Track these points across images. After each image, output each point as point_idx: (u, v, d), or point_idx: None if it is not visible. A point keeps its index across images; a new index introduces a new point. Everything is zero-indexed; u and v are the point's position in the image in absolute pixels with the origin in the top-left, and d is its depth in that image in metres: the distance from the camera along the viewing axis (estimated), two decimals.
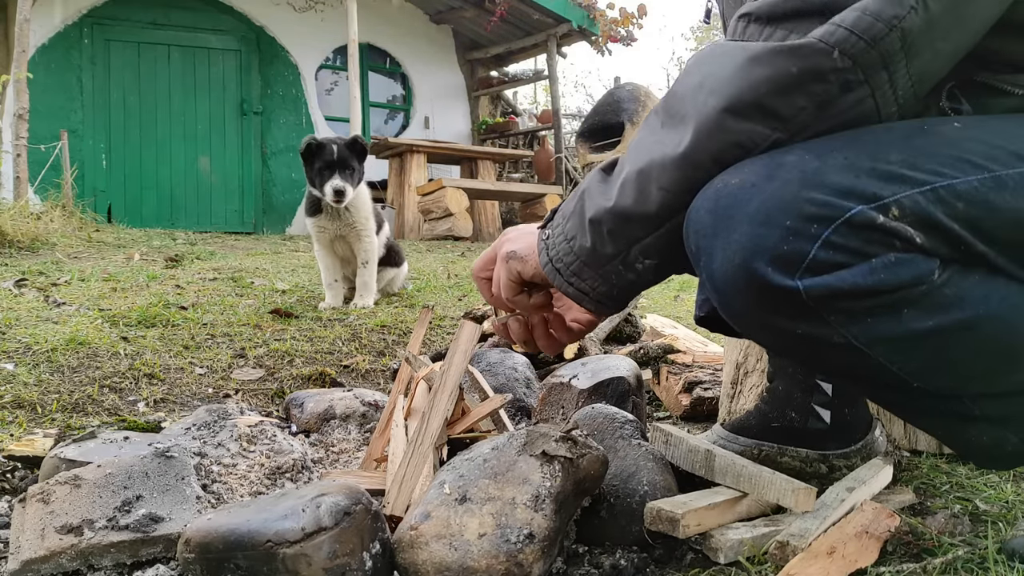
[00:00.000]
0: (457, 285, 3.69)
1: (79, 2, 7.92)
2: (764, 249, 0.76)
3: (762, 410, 1.22)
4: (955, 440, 0.95)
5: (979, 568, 0.87)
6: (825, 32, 0.73)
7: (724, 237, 0.79)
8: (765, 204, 0.76)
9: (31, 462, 1.32)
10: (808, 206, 0.74)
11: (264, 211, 8.85)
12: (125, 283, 3.21)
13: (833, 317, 0.77)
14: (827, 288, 0.74)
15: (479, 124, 10.16)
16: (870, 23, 0.71)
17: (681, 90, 0.82)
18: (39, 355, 1.91)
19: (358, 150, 2.96)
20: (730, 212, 0.78)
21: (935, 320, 0.76)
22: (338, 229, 3.03)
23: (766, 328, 0.84)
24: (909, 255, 0.74)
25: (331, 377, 1.98)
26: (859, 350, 0.79)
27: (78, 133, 7.76)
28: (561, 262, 0.91)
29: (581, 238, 0.89)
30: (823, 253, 0.74)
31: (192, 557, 0.83)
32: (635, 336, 2.31)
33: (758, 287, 0.77)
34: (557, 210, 0.96)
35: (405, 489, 1.00)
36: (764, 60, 0.75)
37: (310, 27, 9.05)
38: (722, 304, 0.84)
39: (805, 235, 0.74)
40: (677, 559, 0.97)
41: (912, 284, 0.75)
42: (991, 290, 0.78)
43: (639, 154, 0.85)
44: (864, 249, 0.74)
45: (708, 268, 0.81)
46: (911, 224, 0.74)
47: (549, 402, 1.39)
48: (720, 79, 0.77)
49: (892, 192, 0.74)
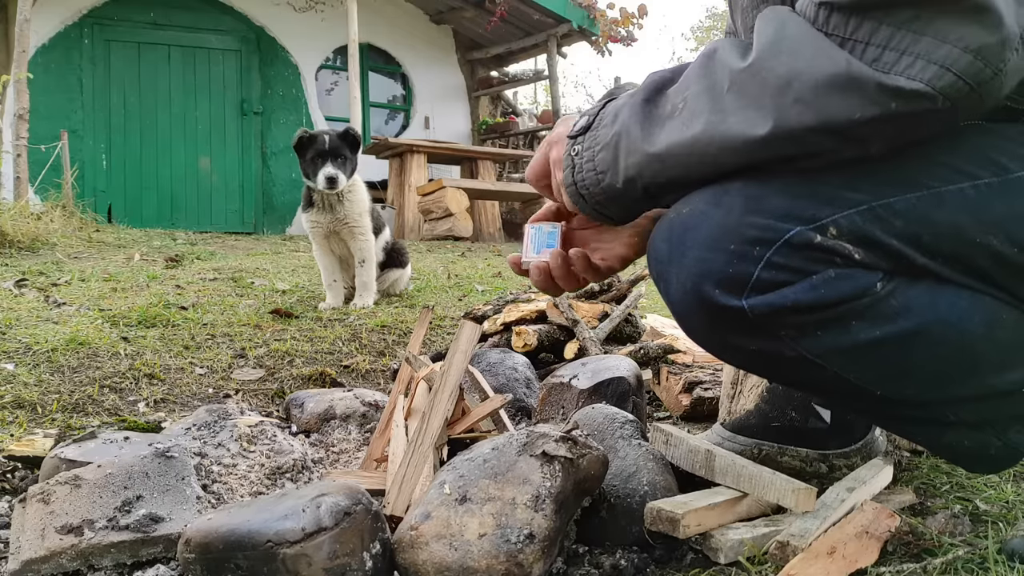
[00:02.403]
0: (457, 285, 3.69)
1: (79, 2, 7.92)
2: (712, 273, 0.80)
3: (762, 409, 1.22)
4: (938, 446, 0.97)
5: (979, 568, 0.87)
6: (934, 75, 0.69)
7: (677, 263, 0.83)
8: (711, 230, 0.80)
9: (31, 462, 1.32)
10: (750, 230, 0.78)
11: (264, 211, 8.85)
12: (125, 283, 3.21)
13: (784, 332, 0.81)
14: (770, 306, 0.79)
15: (479, 124, 10.16)
16: (980, 69, 0.69)
17: (763, 73, 0.75)
18: (39, 355, 1.91)
19: (350, 140, 2.98)
20: (682, 239, 0.83)
21: (882, 330, 0.79)
22: (331, 224, 3.02)
23: (723, 347, 0.89)
24: (849, 270, 0.78)
25: (331, 377, 1.98)
26: (814, 363, 0.83)
27: (78, 133, 7.77)
28: (587, 190, 0.90)
29: (612, 178, 0.87)
30: (766, 273, 0.78)
31: (192, 557, 0.83)
32: (635, 336, 2.31)
33: (708, 309, 0.81)
34: (589, 126, 0.90)
35: (405, 489, 1.00)
36: (865, 91, 0.71)
37: (310, 27, 9.05)
38: (682, 326, 0.88)
39: (749, 257, 0.78)
40: (677, 559, 0.97)
41: (854, 297, 0.78)
42: (938, 298, 0.81)
43: (694, 116, 0.80)
44: (805, 267, 0.78)
45: (667, 293, 0.86)
46: (849, 241, 0.77)
47: (549, 402, 1.39)
48: (810, 89, 0.73)
49: (830, 213, 0.78)
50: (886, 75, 0.70)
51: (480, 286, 3.65)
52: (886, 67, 0.70)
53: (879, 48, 0.70)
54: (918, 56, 0.69)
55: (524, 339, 2.05)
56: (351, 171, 2.98)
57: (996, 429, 0.89)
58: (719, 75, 0.79)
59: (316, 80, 9.20)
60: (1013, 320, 0.84)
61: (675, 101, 0.83)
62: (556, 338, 2.09)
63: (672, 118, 0.82)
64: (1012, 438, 0.90)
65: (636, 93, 0.87)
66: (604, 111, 0.90)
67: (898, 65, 0.70)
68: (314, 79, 9.16)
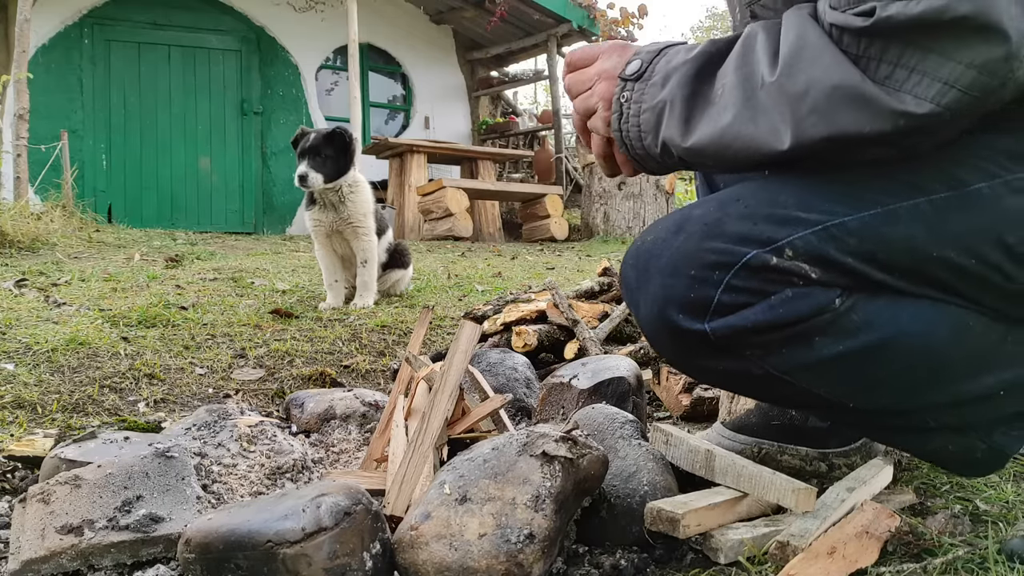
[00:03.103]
0: (457, 285, 3.69)
1: (79, 2, 7.92)
2: (674, 298, 0.83)
3: (763, 408, 1.22)
4: (924, 452, 0.98)
5: (979, 568, 0.87)
6: (938, 92, 0.71)
7: (644, 290, 0.87)
8: (672, 257, 0.84)
9: (31, 462, 1.32)
10: (709, 255, 0.81)
11: (264, 211, 8.85)
12: (125, 283, 3.21)
13: (749, 352, 0.83)
14: (732, 328, 0.81)
15: (479, 124, 10.16)
16: (986, 83, 0.71)
17: (786, 86, 0.77)
18: (39, 355, 1.91)
19: (337, 140, 2.93)
20: (647, 266, 0.86)
21: (845, 344, 0.82)
22: (334, 223, 3.01)
23: (693, 368, 0.93)
24: (806, 289, 0.80)
25: (331, 377, 1.98)
26: (782, 379, 0.85)
27: (78, 133, 7.77)
28: (630, 141, 0.91)
29: (652, 141, 0.89)
30: (726, 296, 0.81)
31: (192, 557, 0.83)
32: (635, 336, 2.31)
33: (673, 333, 0.85)
34: (641, 74, 0.90)
35: (405, 489, 1.00)
36: (875, 108, 0.73)
37: (310, 27, 9.05)
38: (654, 348, 0.93)
39: (709, 282, 0.81)
40: (677, 559, 0.97)
41: (813, 315, 0.80)
42: (900, 311, 0.82)
43: (726, 109, 0.81)
44: (763, 288, 0.80)
45: (637, 318, 0.90)
46: (805, 261, 0.80)
47: (549, 402, 1.39)
48: (825, 98, 0.75)
49: (786, 235, 0.80)
50: (896, 93, 0.73)
51: (480, 286, 3.65)
52: (896, 84, 0.73)
53: (891, 65, 0.73)
54: (925, 74, 0.71)
55: (524, 339, 2.05)
56: (336, 171, 2.93)
57: (980, 433, 0.90)
58: (752, 72, 0.80)
59: (316, 80, 9.21)
60: (982, 326, 0.85)
61: (717, 86, 0.84)
62: (556, 338, 2.09)
63: (712, 104, 0.83)
64: (997, 440, 0.90)
65: (689, 64, 0.86)
66: (656, 63, 0.89)
67: (907, 83, 0.72)
68: (314, 79, 9.16)
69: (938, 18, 0.69)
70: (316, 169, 2.87)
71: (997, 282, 0.82)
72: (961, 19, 0.68)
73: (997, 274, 0.82)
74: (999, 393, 0.86)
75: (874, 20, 0.72)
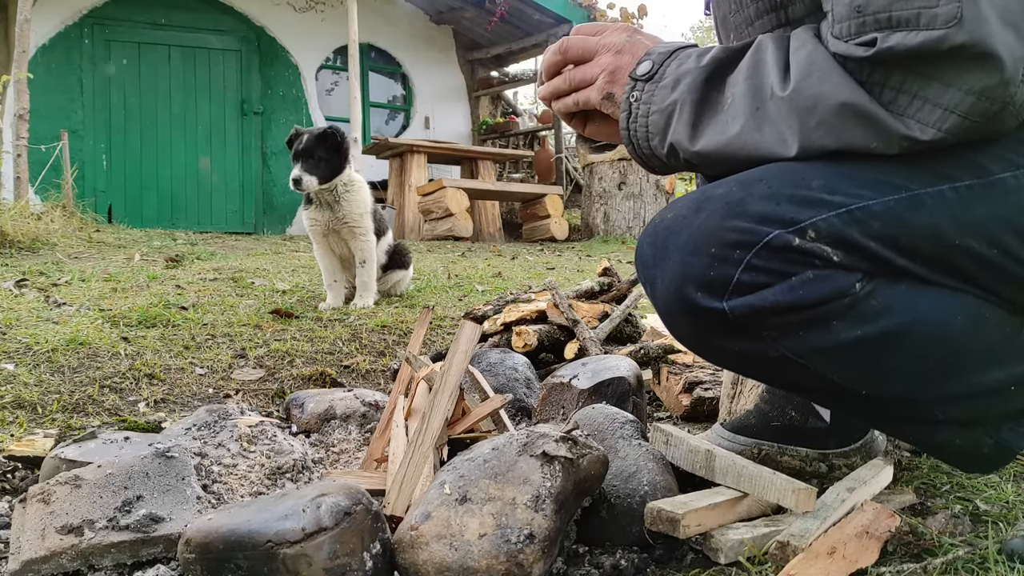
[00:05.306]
0: (457, 285, 3.69)
1: (79, 2, 7.92)
2: (693, 276, 0.82)
3: (762, 409, 1.22)
4: (930, 445, 0.97)
5: (979, 568, 0.87)
6: (940, 118, 0.75)
7: (662, 267, 0.86)
8: (693, 235, 0.83)
9: (31, 462, 1.32)
10: (730, 234, 0.81)
11: (264, 211, 8.85)
12: (125, 283, 3.21)
13: (765, 333, 0.83)
14: (750, 307, 0.81)
15: (479, 124, 10.16)
16: (985, 108, 0.74)
17: (796, 100, 0.80)
18: (39, 355, 1.91)
19: (330, 141, 2.91)
20: (666, 244, 0.86)
21: (863, 330, 0.81)
22: (330, 223, 3.01)
23: (708, 348, 0.91)
24: (827, 271, 0.80)
25: (331, 377, 1.98)
26: (797, 363, 0.84)
27: (78, 133, 7.77)
28: (637, 140, 0.93)
29: (659, 142, 0.90)
30: (746, 276, 0.80)
31: (192, 557, 0.83)
32: (635, 336, 2.31)
33: (691, 311, 0.84)
34: (652, 75, 0.90)
35: (405, 489, 1.00)
36: (880, 129, 0.77)
37: (310, 27, 9.05)
38: (668, 328, 0.91)
39: (729, 260, 0.80)
40: (677, 559, 0.97)
41: (833, 298, 0.80)
42: (919, 298, 0.82)
43: (735, 118, 0.84)
44: (784, 269, 0.80)
45: (653, 296, 0.89)
46: (828, 244, 0.79)
47: (549, 402, 1.39)
48: (833, 113, 0.78)
49: (809, 216, 0.79)
50: (901, 118, 0.76)
51: (480, 286, 3.65)
52: (900, 109, 0.76)
53: (894, 91, 0.76)
54: (927, 100, 0.75)
55: (524, 339, 2.05)
56: (331, 171, 2.91)
57: (987, 427, 0.89)
58: (763, 84, 0.82)
59: (316, 80, 9.21)
60: (997, 318, 0.85)
61: (727, 94, 0.86)
62: (556, 338, 2.09)
63: (721, 111, 0.85)
64: (1004, 436, 0.90)
65: (700, 70, 0.87)
66: (668, 66, 0.90)
67: (910, 108, 0.76)
68: (314, 79, 9.16)
69: (937, 48, 0.72)
70: (310, 171, 2.87)
71: (1016, 273, 0.82)
72: (959, 48, 0.71)
73: (1017, 265, 0.82)
74: (1009, 388, 0.86)
75: (875, 51, 0.74)
